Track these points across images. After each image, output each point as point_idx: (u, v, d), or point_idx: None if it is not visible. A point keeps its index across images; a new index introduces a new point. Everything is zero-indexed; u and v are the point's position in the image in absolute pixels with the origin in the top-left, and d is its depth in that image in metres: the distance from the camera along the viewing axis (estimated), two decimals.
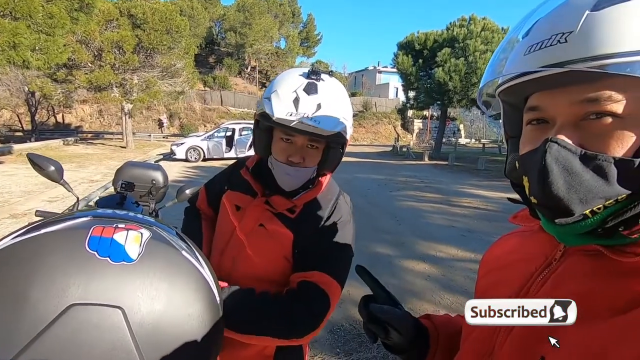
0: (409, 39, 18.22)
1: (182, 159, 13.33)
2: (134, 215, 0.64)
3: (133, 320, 0.52)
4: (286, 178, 0.94)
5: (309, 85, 0.87)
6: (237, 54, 32.41)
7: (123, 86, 14.82)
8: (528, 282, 0.50)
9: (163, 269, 0.56)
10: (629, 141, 0.39)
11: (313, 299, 0.86)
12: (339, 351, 2.44)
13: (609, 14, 0.37)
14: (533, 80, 0.43)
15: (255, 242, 0.96)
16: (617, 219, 0.40)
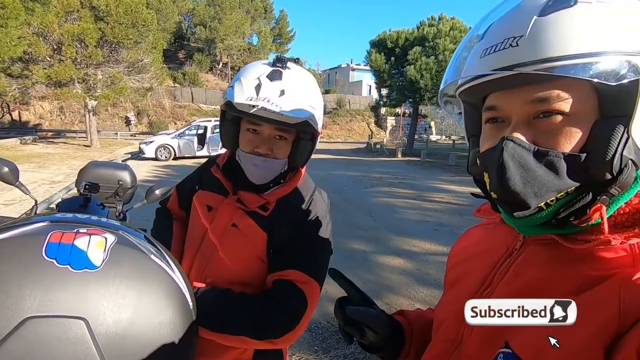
0: (381, 37, 18.46)
1: (151, 157, 12.86)
2: (98, 219, 0.60)
3: (98, 332, 0.48)
4: (254, 170, 0.89)
5: (273, 72, 0.84)
6: (208, 49, 31.60)
7: (86, 82, 14.05)
8: (492, 272, 0.53)
9: (130, 275, 0.53)
10: (576, 137, 0.42)
11: (289, 298, 0.84)
12: (317, 349, 2.44)
13: (554, 20, 0.40)
14: (489, 81, 0.46)
15: (228, 243, 0.92)
16: (568, 210, 0.43)
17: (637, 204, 0.45)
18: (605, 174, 0.41)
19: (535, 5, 0.42)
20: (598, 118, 0.42)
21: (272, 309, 0.82)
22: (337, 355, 2.39)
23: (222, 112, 0.93)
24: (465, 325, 0.52)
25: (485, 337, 0.49)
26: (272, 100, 0.80)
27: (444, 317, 0.60)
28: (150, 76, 16.04)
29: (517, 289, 0.49)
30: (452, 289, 0.63)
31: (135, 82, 15.80)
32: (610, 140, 0.41)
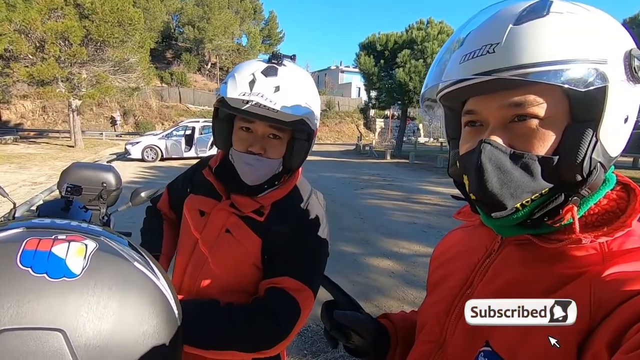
0: (371, 39, 18.57)
1: (137, 158, 12.63)
2: (77, 225, 0.57)
3: (77, 344, 0.46)
4: (247, 169, 0.85)
5: (268, 68, 0.81)
6: (197, 49, 31.27)
7: (70, 81, 13.72)
8: (472, 273, 0.56)
9: (112, 283, 0.50)
10: (549, 140, 0.44)
11: (281, 307, 0.81)
12: (306, 352, 2.42)
13: (528, 28, 0.43)
14: (468, 86, 0.48)
15: (222, 250, 0.88)
16: (542, 210, 0.46)
17: (605, 204, 0.48)
18: (576, 175, 0.44)
19: (511, 15, 0.45)
20: (569, 122, 0.44)
21: (263, 320, 0.79)
22: (326, 358, 2.37)
23: (215, 110, 0.89)
24: (448, 326, 0.55)
25: (467, 337, 0.51)
26: (267, 95, 0.77)
27: (427, 319, 0.62)
28: (136, 76, 15.75)
29: (496, 289, 0.51)
30: (434, 291, 0.64)
31: (122, 81, 15.50)
32: (580, 143, 0.43)
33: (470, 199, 0.51)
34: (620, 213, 0.46)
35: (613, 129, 0.44)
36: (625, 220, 0.43)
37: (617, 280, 0.40)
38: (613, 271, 0.41)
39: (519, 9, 0.45)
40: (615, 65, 0.43)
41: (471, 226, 0.65)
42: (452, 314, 0.56)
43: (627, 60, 0.43)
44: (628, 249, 0.43)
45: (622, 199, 0.48)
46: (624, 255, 0.42)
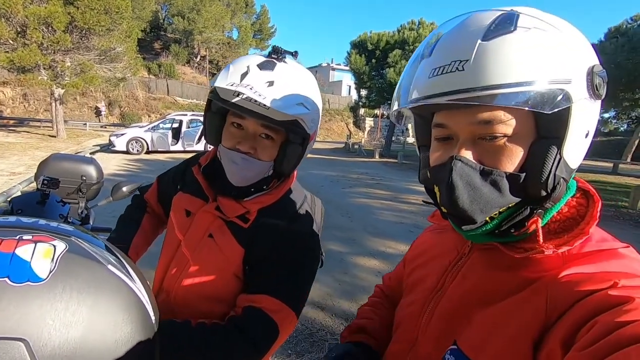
0: (362, 38, 18.57)
1: (122, 150, 12.32)
2: (46, 224, 0.52)
3: (41, 354, 0.42)
4: (233, 168, 0.80)
5: (265, 62, 0.76)
6: (186, 41, 30.70)
7: (53, 68, 13.27)
8: (444, 275, 0.58)
9: (82, 288, 0.46)
10: (516, 156, 0.46)
11: (257, 330, 0.75)
12: (290, 352, 2.40)
13: (495, 46, 0.43)
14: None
15: (203, 256, 0.83)
16: (509, 222, 0.48)
17: (566, 212, 0.50)
18: (541, 191, 0.46)
19: (480, 27, 0.45)
20: (535, 138, 0.46)
21: (237, 343, 0.73)
22: (311, 359, 2.35)
23: (208, 102, 0.84)
24: (420, 326, 0.58)
25: (438, 337, 0.54)
26: (257, 89, 0.71)
27: (402, 319, 0.65)
28: (123, 66, 15.32)
29: (464, 291, 0.54)
30: (410, 293, 0.67)
31: (107, 71, 15.05)
32: (545, 162, 0.45)
33: (442, 211, 0.53)
34: (580, 219, 0.48)
35: (575, 145, 0.47)
36: (584, 227, 0.46)
37: (572, 282, 0.43)
38: (569, 272, 0.44)
39: (487, 20, 0.45)
40: (579, 84, 0.44)
41: (443, 229, 0.68)
42: (424, 314, 0.58)
43: (590, 77, 0.45)
44: (585, 252, 0.46)
45: (582, 205, 0.51)
46: (581, 258, 0.45)
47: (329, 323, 2.79)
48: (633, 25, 13.13)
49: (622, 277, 0.41)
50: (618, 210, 7.66)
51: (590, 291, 0.40)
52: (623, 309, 0.37)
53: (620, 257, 0.45)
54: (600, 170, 15.25)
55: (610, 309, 0.38)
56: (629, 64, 11.79)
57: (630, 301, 0.37)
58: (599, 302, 0.39)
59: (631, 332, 0.34)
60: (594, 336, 0.36)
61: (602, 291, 0.40)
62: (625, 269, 0.42)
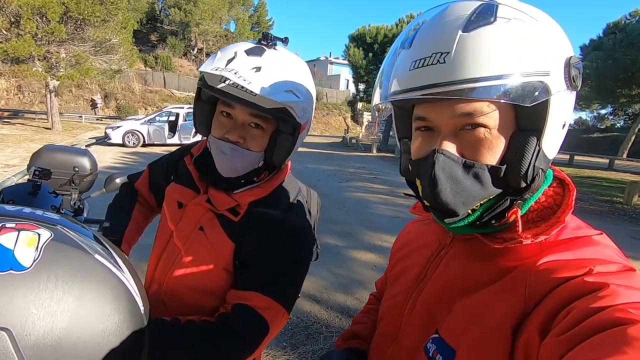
0: (361, 31, 18.46)
1: (118, 143, 12.23)
2: (31, 212, 0.51)
3: (25, 344, 0.41)
4: (222, 158, 0.78)
5: (254, 48, 0.74)
6: (183, 33, 30.39)
7: (47, 60, 13.10)
8: (427, 265, 0.59)
9: (68, 277, 0.46)
10: (498, 148, 0.47)
11: (247, 328, 0.74)
12: (285, 345, 2.41)
13: (476, 38, 0.43)
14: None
15: (194, 249, 0.82)
16: (490, 214, 0.49)
17: (543, 201, 0.51)
18: (521, 182, 0.47)
19: (460, 18, 0.45)
20: (515, 130, 0.47)
21: (227, 341, 0.73)
22: (305, 351, 2.36)
23: (198, 91, 0.83)
24: (403, 316, 0.59)
25: (421, 327, 0.55)
26: (242, 74, 0.68)
27: (385, 311, 0.66)
28: (119, 57, 15.14)
29: (445, 281, 0.54)
30: (394, 284, 0.67)
31: (103, 62, 14.86)
32: (525, 153, 0.46)
33: (424, 204, 0.53)
34: (556, 208, 0.49)
35: (553, 136, 0.48)
36: (560, 216, 0.47)
37: (549, 269, 0.44)
38: (546, 260, 0.45)
39: (467, 10, 0.45)
40: (557, 76, 0.45)
41: (427, 220, 0.69)
42: (407, 305, 0.59)
43: (567, 69, 0.45)
44: (561, 240, 0.47)
45: (558, 194, 0.52)
46: (557, 246, 0.46)
47: (324, 316, 2.80)
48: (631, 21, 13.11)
49: (597, 263, 0.42)
50: (613, 206, 7.72)
51: (567, 278, 0.41)
52: (598, 295, 0.38)
53: (594, 244, 0.46)
54: (596, 166, 15.34)
55: (586, 295, 0.38)
56: (627, 59, 11.80)
57: (605, 287, 0.38)
58: (575, 289, 0.40)
59: (606, 317, 0.35)
60: (571, 322, 0.37)
61: (578, 278, 0.41)
62: (599, 256, 0.44)
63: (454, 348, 0.48)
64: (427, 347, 0.52)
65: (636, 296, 0.37)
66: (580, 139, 27.37)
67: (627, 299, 0.37)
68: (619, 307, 0.36)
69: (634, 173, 13.63)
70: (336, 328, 2.64)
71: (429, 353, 0.51)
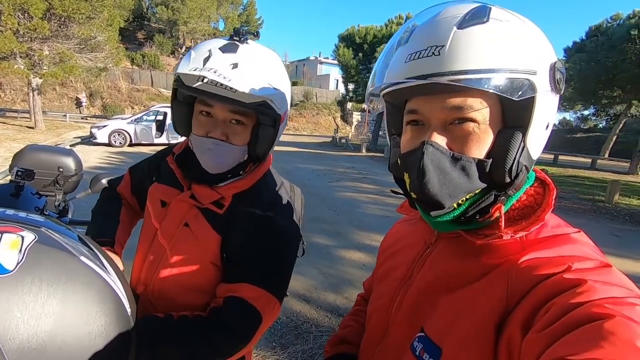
0: (350, 31, 18.51)
1: (104, 143, 12.00)
2: (14, 214, 0.51)
3: (8, 348, 0.41)
4: (208, 155, 0.78)
5: (228, 45, 0.74)
6: (170, 31, 29.97)
7: (30, 57, 12.76)
8: (412, 265, 0.60)
9: (52, 279, 0.45)
10: (485, 143, 0.49)
11: (240, 320, 0.75)
12: (275, 345, 2.40)
13: (470, 34, 0.46)
14: (411, 87, 0.50)
15: (180, 245, 0.82)
16: (475, 208, 0.50)
17: (525, 200, 0.53)
18: (505, 177, 0.49)
19: (455, 16, 0.48)
20: (502, 127, 0.49)
21: (221, 334, 0.74)
22: (295, 351, 2.36)
23: (174, 92, 0.82)
24: (390, 316, 0.60)
25: (407, 326, 0.56)
26: (221, 71, 0.69)
27: (373, 311, 0.67)
28: (104, 55, 14.83)
29: (430, 279, 0.55)
30: (380, 284, 0.68)
31: (88, 60, 14.56)
32: (510, 148, 0.48)
33: (411, 196, 0.54)
34: (537, 207, 0.51)
35: (537, 135, 0.50)
36: (540, 214, 0.49)
37: (531, 266, 0.45)
38: (527, 258, 0.46)
39: (462, 11, 0.48)
40: (543, 77, 0.47)
41: (413, 220, 0.70)
42: (394, 305, 0.60)
43: (552, 72, 0.48)
44: (542, 238, 0.48)
45: (539, 194, 0.53)
46: (538, 244, 0.47)
47: (313, 315, 2.81)
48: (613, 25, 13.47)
49: (576, 260, 0.44)
50: (595, 204, 7.92)
51: (547, 275, 0.43)
52: (577, 291, 0.39)
53: (573, 241, 0.48)
54: (579, 165, 15.71)
55: (565, 291, 0.40)
56: (608, 62, 12.11)
57: (583, 283, 0.40)
58: (554, 285, 0.41)
59: (585, 312, 0.36)
60: (551, 318, 0.38)
61: (558, 275, 0.42)
62: (578, 253, 0.45)
63: (440, 346, 0.49)
64: (413, 346, 0.53)
65: (612, 291, 0.39)
66: (564, 139, 28.00)
67: (603, 294, 0.38)
68: (595, 302, 0.37)
69: (615, 172, 14.02)
70: (326, 327, 2.64)
71: (415, 352, 0.52)
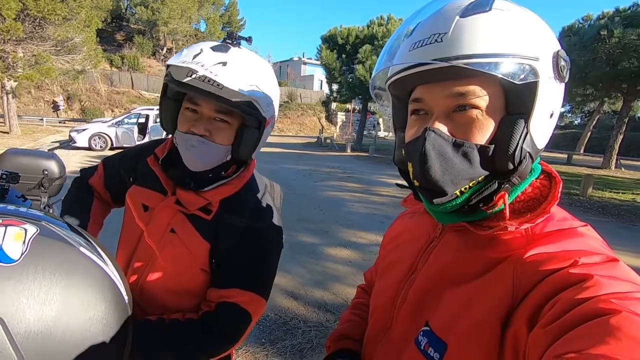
0: (332, 32, 18.56)
1: (84, 147, 11.72)
2: (15, 209, 0.54)
3: (16, 331, 0.44)
4: (191, 152, 0.78)
5: (220, 45, 0.77)
6: (150, 32, 29.44)
7: (3, 59, 12.34)
8: (417, 259, 0.60)
9: (55, 269, 0.49)
10: (488, 130, 0.48)
11: (233, 323, 0.80)
12: (264, 341, 2.44)
13: (473, 21, 0.47)
14: (415, 74, 0.51)
15: (167, 252, 0.82)
16: (478, 197, 0.50)
17: (530, 192, 0.53)
18: (508, 164, 0.48)
19: (458, 7, 0.49)
20: (505, 114, 0.49)
21: (214, 337, 0.78)
22: (284, 346, 2.41)
23: (164, 87, 0.83)
24: (394, 310, 0.59)
25: (411, 320, 0.55)
26: (208, 66, 0.70)
27: (376, 305, 0.66)
28: (82, 57, 14.45)
29: (434, 273, 0.55)
30: (383, 277, 0.68)
31: (65, 63, 14.18)
32: (513, 133, 0.48)
33: (414, 186, 0.54)
34: (542, 200, 0.51)
35: (541, 123, 0.49)
36: (546, 207, 0.48)
37: (536, 261, 0.44)
38: (533, 253, 0.45)
39: (465, 3, 0.49)
40: (545, 63, 0.47)
41: (417, 213, 0.70)
42: (398, 298, 0.59)
43: (555, 60, 0.48)
44: (547, 232, 0.48)
45: (545, 186, 0.53)
46: (544, 238, 0.47)
47: (301, 312, 2.85)
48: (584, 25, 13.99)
49: (582, 255, 0.43)
50: (570, 197, 8.24)
51: (553, 270, 0.42)
52: (583, 286, 0.39)
53: (579, 235, 0.47)
54: (556, 160, 16.24)
55: (571, 287, 0.39)
56: (580, 61, 12.58)
57: (589, 278, 0.39)
58: (560, 280, 0.41)
59: (590, 308, 0.36)
60: (557, 313, 0.38)
61: (564, 269, 0.42)
62: (584, 247, 0.45)
63: (445, 341, 0.48)
64: (418, 340, 0.52)
65: (619, 286, 0.38)
66: None
67: (610, 289, 0.38)
68: (602, 297, 0.37)
69: (589, 167, 14.56)
70: (314, 322, 2.69)
71: (420, 346, 0.51)
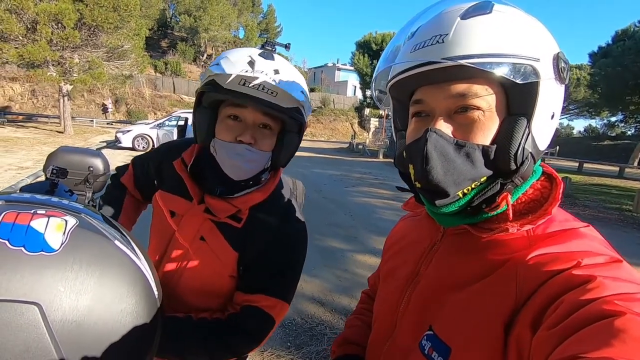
0: (367, 38, 18.57)
1: (128, 147, 12.43)
2: (58, 201, 0.57)
3: (52, 318, 0.46)
4: (237, 161, 0.76)
5: (265, 52, 0.77)
6: (192, 39, 30.90)
7: (61, 65, 13.42)
8: (419, 261, 0.60)
9: (91, 260, 0.50)
10: (489, 130, 0.48)
11: (256, 325, 0.81)
12: (289, 345, 2.43)
13: (474, 22, 0.47)
14: (416, 75, 0.51)
15: (196, 258, 0.83)
16: (481, 198, 0.50)
17: (531, 194, 0.52)
18: (510, 164, 0.48)
19: (459, 10, 0.49)
20: (506, 115, 0.49)
21: (238, 340, 0.80)
22: (309, 351, 2.38)
23: (199, 97, 0.80)
24: (398, 315, 0.59)
25: (415, 324, 0.55)
26: (270, 75, 0.71)
27: (379, 311, 0.66)
28: (130, 63, 15.44)
29: (437, 276, 0.55)
30: (385, 282, 0.67)
31: (114, 68, 15.19)
32: (515, 134, 0.47)
33: (415, 188, 0.53)
34: (543, 201, 0.50)
35: (542, 123, 0.49)
36: (547, 208, 0.48)
37: (539, 263, 0.44)
38: (536, 254, 0.45)
39: (466, 6, 0.49)
40: (546, 64, 0.47)
41: (418, 216, 0.69)
42: (402, 303, 0.59)
43: (556, 61, 0.48)
44: (549, 233, 0.47)
45: (546, 188, 0.53)
46: (546, 239, 0.46)
47: (328, 318, 2.82)
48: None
49: (585, 256, 0.42)
50: (622, 214, 7.61)
51: (556, 271, 0.42)
52: (586, 287, 0.38)
53: (581, 236, 0.46)
54: (606, 173, 15.12)
55: (575, 288, 0.39)
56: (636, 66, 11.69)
57: (593, 280, 0.39)
58: (564, 282, 0.40)
59: (595, 309, 0.35)
60: (561, 315, 0.37)
61: (567, 271, 0.41)
62: (587, 248, 0.44)
63: (449, 345, 0.48)
64: (422, 345, 0.52)
65: (623, 287, 0.38)
66: (589, 147, 27.07)
67: (614, 290, 0.37)
68: (606, 299, 0.36)
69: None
70: (340, 330, 2.65)
71: (424, 350, 0.51)
